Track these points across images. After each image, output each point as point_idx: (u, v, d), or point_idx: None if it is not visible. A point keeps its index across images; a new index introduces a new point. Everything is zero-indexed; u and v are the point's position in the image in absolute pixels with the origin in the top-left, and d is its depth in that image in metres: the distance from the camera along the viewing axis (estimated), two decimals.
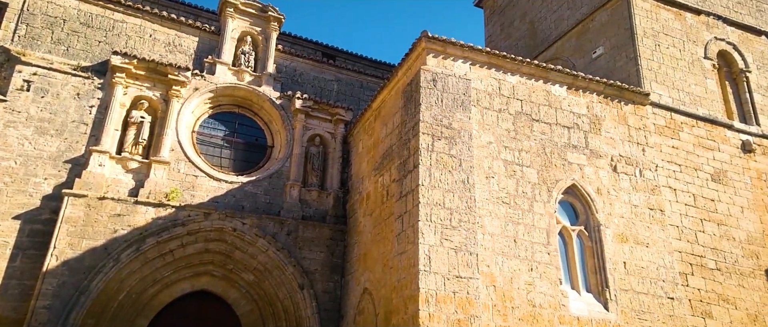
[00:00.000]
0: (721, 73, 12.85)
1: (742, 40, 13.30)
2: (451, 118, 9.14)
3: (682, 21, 12.69)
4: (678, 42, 12.38)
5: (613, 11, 12.48)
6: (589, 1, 13.27)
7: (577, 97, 10.57)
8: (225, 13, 12.97)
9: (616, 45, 12.19)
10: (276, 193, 11.86)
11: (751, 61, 13.14)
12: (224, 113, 12.74)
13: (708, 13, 13.05)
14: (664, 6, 12.55)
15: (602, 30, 12.69)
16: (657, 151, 10.92)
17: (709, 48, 12.74)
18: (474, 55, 9.81)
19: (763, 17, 13.93)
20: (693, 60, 12.39)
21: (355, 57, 16.17)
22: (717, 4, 13.41)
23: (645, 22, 12.11)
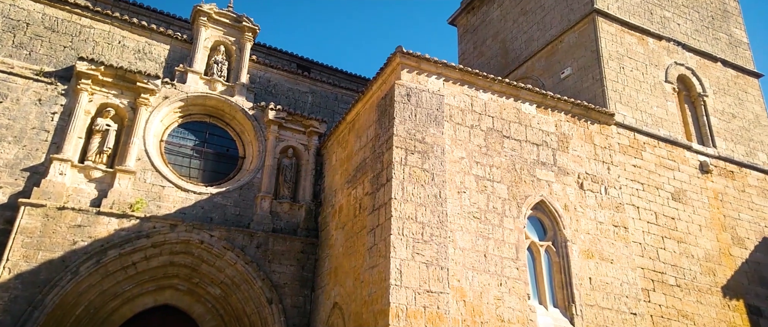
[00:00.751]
0: (681, 97, 13.42)
1: (700, 65, 13.95)
2: (425, 133, 9.23)
3: (645, 46, 13.24)
4: (641, 65, 12.90)
5: (581, 34, 12.93)
6: (558, 24, 13.72)
7: (546, 115, 10.85)
8: (198, 22, 12.83)
9: (583, 66, 12.61)
10: (246, 205, 11.68)
11: (708, 85, 13.78)
12: (195, 123, 12.53)
13: (668, 39, 13.67)
14: (628, 31, 13.08)
15: (570, 51, 13.12)
16: (621, 169, 11.27)
17: (670, 72, 13.32)
18: (447, 71, 9.99)
19: (719, 45, 14.67)
20: (655, 83, 12.92)
21: (330, 70, 16.21)
22: (677, 30, 14.06)
23: (610, 46, 12.59)
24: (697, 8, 14.77)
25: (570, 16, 13.37)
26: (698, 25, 14.53)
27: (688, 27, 14.33)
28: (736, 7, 15.66)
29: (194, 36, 12.85)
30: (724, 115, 13.66)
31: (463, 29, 18.01)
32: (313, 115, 13.25)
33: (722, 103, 13.80)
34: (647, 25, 13.47)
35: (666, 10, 14.14)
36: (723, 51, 14.57)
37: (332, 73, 16.08)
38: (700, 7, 14.87)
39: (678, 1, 14.50)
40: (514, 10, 15.59)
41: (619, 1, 13.34)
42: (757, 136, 13.90)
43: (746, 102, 14.29)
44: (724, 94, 13.97)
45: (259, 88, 13.36)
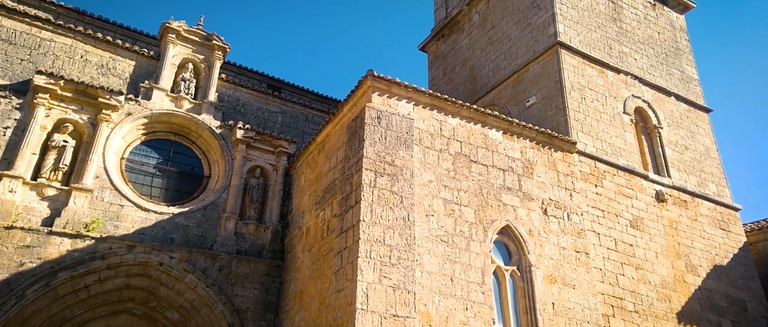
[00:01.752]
0: (638, 128, 14.03)
1: (655, 99, 14.67)
2: (394, 156, 9.30)
3: (605, 78, 13.85)
4: (601, 97, 13.45)
5: (545, 65, 13.43)
6: (524, 54, 14.22)
7: (512, 141, 11.13)
8: (166, 39, 12.66)
9: (547, 96, 13.06)
10: (210, 226, 11.39)
11: (663, 118, 14.48)
12: (159, 140, 12.24)
13: (626, 73, 14.35)
14: (589, 63, 13.67)
15: (535, 81, 13.58)
16: (583, 196, 11.61)
17: (628, 104, 13.94)
18: (417, 96, 10.15)
19: (673, 80, 15.49)
20: (614, 114, 13.48)
21: (301, 90, 16.21)
22: (634, 65, 14.78)
23: (572, 77, 13.10)
24: (652, 45, 15.60)
25: (535, 48, 13.89)
26: (653, 61, 15.33)
27: (644, 62, 15.10)
28: (688, 45, 16.63)
29: (162, 53, 12.65)
30: (678, 146, 14.33)
31: (434, 56, 18.43)
32: (282, 135, 13.15)
33: (676, 136, 14.48)
34: (606, 58, 14.12)
35: (624, 45, 14.88)
36: (676, 86, 15.38)
37: (303, 94, 16.08)
38: (655, 44, 15.72)
39: (635, 38, 15.29)
40: (483, 40, 16.08)
41: (581, 35, 13.96)
42: (708, 168, 14.61)
43: (697, 135, 15.05)
44: (678, 126, 14.69)
45: (228, 106, 13.20)
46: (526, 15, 14.60)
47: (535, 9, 14.33)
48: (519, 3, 15.02)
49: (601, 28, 14.59)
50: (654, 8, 16.38)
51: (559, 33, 13.45)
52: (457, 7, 17.69)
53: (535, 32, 14.06)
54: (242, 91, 13.67)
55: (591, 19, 14.47)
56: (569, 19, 13.93)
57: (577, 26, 14.03)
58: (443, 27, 17.95)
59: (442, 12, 18.67)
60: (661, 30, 16.14)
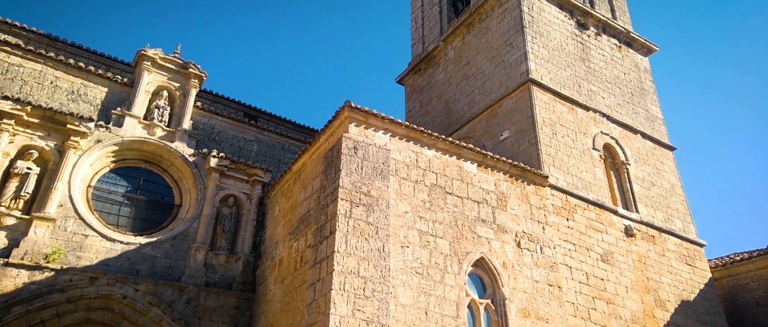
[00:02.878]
0: (607, 163, 14.42)
1: (622, 136, 15.16)
2: (370, 186, 9.28)
3: (575, 115, 14.28)
4: (571, 132, 13.84)
5: (518, 100, 13.79)
6: (498, 89, 14.59)
7: (486, 174, 11.27)
8: (141, 66, 12.55)
9: (520, 130, 13.36)
10: (178, 257, 11.05)
11: (630, 155, 14.94)
12: (129, 168, 11.96)
13: (595, 110, 14.84)
14: (560, 100, 14.11)
15: (508, 116, 13.90)
16: (555, 229, 11.76)
17: (597, 140, 14.36)
18: (394, 127, 10.24)
19: (638, 119, 16.07)
20: (584, 149, 13.85)
21: (278, 119, 16.19)
22: (602, 103, 15.32)
23: (544, 113, 13.47)
24: (618, 84, 16.24)
25: (508, 84, 14.29)
26: (620, 100, 15.92)
27: (612, 101, 15.67)
28: (652, 86, 17.36)
29: (136, 80, 12.51)
30: (645, 182, 14.75)
31: (410, 89, 18.76)
32: (257, 163, 13.02)
33: (643, 172, 14.92)
34: (576, 96, 14.60)
35: (592, 84, 15.45)
36: (642, 124, 15.95)
37: (280, 123, 16.06)
38: (622, 83, 16.37)
39: (602, 77, 15.91)
40: (458, 75, 16.48)
41: (551, 73, 14.45)
42: (674, 204, 15.03)
43: (663, 172, 15.54)
44: (644, 163, 15.16)
45: (203, 134, 13.05)
46: (499, 52, 15.08)
47: (508, 47, 14.82)
48: (493, 41, 15.52)
49: (570, 67, 15.14)
50: (620, 50, 17.14)
51: (531, 70, 13.89)
52: (434, 42, 18.16)
53: (508, 69, 14.49)
54: (218, 119, 13.56)
55: (561, 59, 15.02)
56: (540, 58, 14.43)
57: (548, 65, 14.53)
58: (420, 61, 18.37)
59: (419, 47, 19.14)
60: (626, 71, 16.85)
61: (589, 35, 16.44)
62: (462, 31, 16.88)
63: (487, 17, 16.07)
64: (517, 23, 14.77)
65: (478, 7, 16.25)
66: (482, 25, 16.19)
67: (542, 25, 15.16)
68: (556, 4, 15.98)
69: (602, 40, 16.75)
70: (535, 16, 15.12)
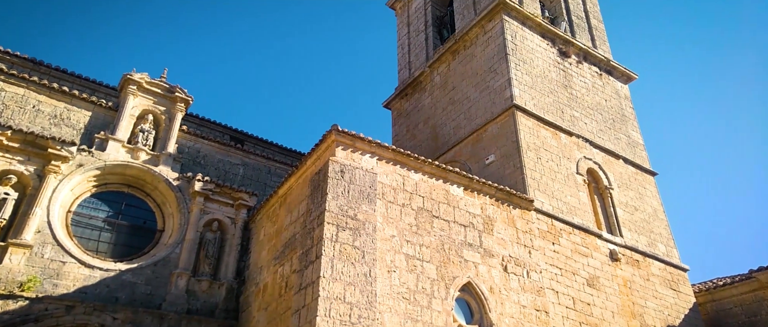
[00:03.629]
0: (591, 188, 14.58)
1: (605, 161, 15.38)
2: (357, 210, 9.24)
3: (558, 140, 14.49)
4: (555, 157, 14.01)
5: (503, 125, 13.98)
6: (483, 114, 14.79)
7: (473, 198, 11.31)
8: (126, 90, 12.48)
9: (505, 154, 13.50)
10: (160, 283, 10.79)
11: (613, 179, 15.13)
12: (111, 193, 11.76)
13: (578, 136, 15.08)
14: (543, 126, 14.32)
15: (493, 140, 14.06)
16: (541, 254, 11.77)
17: (580, 165, 14.55)
18: (381, 151, 10.27)
19: (620, 144, 16.36)
20: (568, 174, 14.01)
21: (265, 143, 16.14)
22: (584, 129, 15.59)
23: (528, 138, 13.65)
24: (600, 111, 16.57)
25: (493, 109, 14.49)
26: (602, 126, 16.22)
27: (594, 126, 15.95)
28: (632, 112, 17.75)
29: (121, 104, 12.43)
30: (628, 207, 14.91)
31: (397, 113, 18.94)
32: (243, 187, 12.89)
33: (626, 197, 15.10)
34: (559, 122, 14.84)
35: (575, 110, 15.74)
36: (623, 150, 16.22)
37: (266, 146, 16.00)
38: (603, 110, 16.70)
39: (584, 104, 16.23)
40: (444, 100, 16.69)
41: (535, 99, 14.71)
42: (656, 229, 15.19)
43: (645, 197, 15.75)
44: (627, 188, 15.36)
45: (188, 158, 12.94)
46: (484, 79, 15.34)
47: (493, 73, 15.09)
48: (477, 67, 15.80)
49: (553, 93, 15.44)
50: (601, 77, 17.55)
51: (515, 96, 14.13)
52: (420, 68, 18.44)
53: (493, 95, 14.72)
54: (203, 142, 13.48)
55: (544, 85, 15.32)
56: (524, 84, 14.70)
57: (532, 91, 14.80)
58: (406, 86, 18.61)
59: (406, 72, 19.41)
60: (607, 97, 17.22)
61: (570, 63, 16.83)
62: (447, 58, 17.19)
63: (472, 44, 16.40)
64: (501, 51, 15.09)
65: (463, 35, 16.59)
66: (467, 52, 16.51)
67: (525, 52, 15.50)
68: (538, 32, 16.40)
69: (583, 68, 17.15)
70: (518, 44, 15.47)
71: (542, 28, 16.45)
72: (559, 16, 18.49)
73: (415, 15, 20.27)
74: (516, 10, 15.92)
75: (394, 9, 22.00)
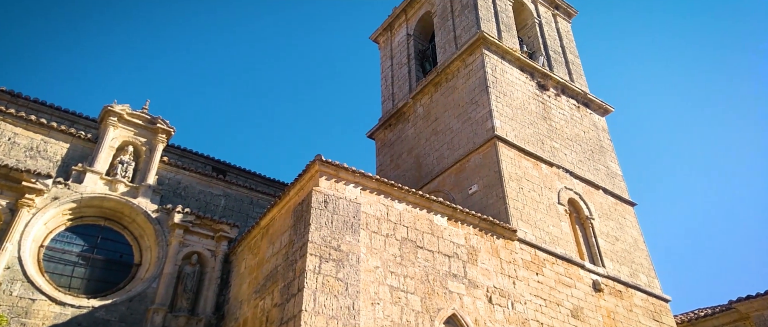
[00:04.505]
0: (573, 218, 14.69)
1: (585, 191, 15.57)
2: (340, 240, 9.13)
3: (539, 170, 14.67)
4: (537, 187, 14.14)
5: (485, 155, 14.12)
6: (465, 145, 14.94)
7: (457, 227, 11.28)
8: (107, 122, 12.33)
9: (488, 184, 13.58)
10: (135, 320, 10.41)
11: (594, 210, 15.29)
12: (87, 226, 11.46)
13: (558, 166, 15.29)
14: (525, 156, 14.51)
15: (476, 170, 14.16)
16: (525, 284, 11.72)
17: (561, 195, 14.70)
18: (365, 181, 10.25)
19: (599, 175, 16.62)
20: (550, 204, 14.12)
21: (247, 173, 16.00)
22: (564, 160, 15.83)
23: (510, 168, 13.79)
24: (579, 142, 16.89)
25: (475, 139, 14.67)
26: (581, 157, 16.50)
27: (574, 157, 16.21)
28: (610, 144, 18.12)
29: (100, 135, 12.26)
30: (609, 237, 15.03)
31: (381, 143, 19.04)
32: (224, 218, 12.67)
33: (607, 227, 15.24)
34: (540, 152, 15.06)
35: (554, 141, 16.01)
36: (603, 180, 16.47)
37: (249, 177, 15.86)
38: (582, 141, 17.03)
39: (564, 135, 16.53)
40: (427, 130, 16.86)
41: (516, 130, 14.95)
42: (638, 259, 15.29)
43: (626, 227, 15.91)
44: (608, 218, 15.51)
45: (168, 190, 12.72)
46: (466, 110, 15.58)
47: (474, 105, 15.35)
48: (459, 99, 16.07)
49: (533, 124, 15.72)
50: (579, 110, 17.97)
51: (496, 127, 14.34)
52: (403, 99, 18.67)
53: (475, 126, 14.93)
54: (184, 173, 13.29)
55: (524, 117, 15.60)
56: (505, 116, 14.96)
57: (512, 122, 15.05)
58: (390, 117, 18.80)
59: (389, 103, 19.64)
60: (586, 129, 17.59)
61: (549, 96, 17.22)
62: (430, 90, 17.47)
63: (454, 77, 16.72)
64: (482, 83, 15.40)
65: (445, 68, 16.92)
66: (449, 85, 16.80)
67: (505, 85, 15.84)
68: (518, 66, 16.81)
69: (562, 101, 17.56)
70: (498, 77, 15.82)
71: (521, 62, 16.88)
72: (536, 50, 19.03)
73: (398, 48, 20.69)
74: (495, 45, 16.35)
75: (377, 42, 22.44)
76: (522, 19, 20.01)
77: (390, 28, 21.66)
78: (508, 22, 18.25)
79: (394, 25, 21.51)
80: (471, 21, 17.30)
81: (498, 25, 17.64)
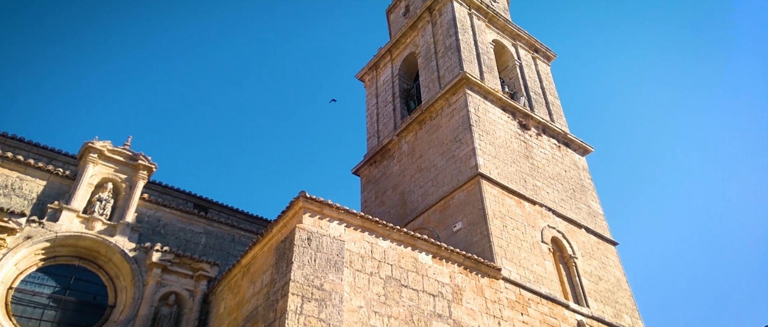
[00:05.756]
0: (556, 257, 14.66)
1: (568, 230, 15.62)
2: (323, 279, 8.94)
3: (523, 208, 14.72)
4: (521, 225, 14.16)
5: (469, 193, 14.16)
6: (449, 182, 14.99)
7: (441, 266, 11.16)
8: (86, 159, 12.12)
9: (472, 222, 13.56)
10: None
11: (577, 249, 15.30)
12: (60, 266, 11.06)
13: (541, 205, 15.38)
14: (508, 194, 14.58)
15: (460, 208, 14.16)
16: (510, 325, 11.54)
17: (545, 234, 14.72)
18: (349, 218, 10.15)
19: (581, 214, 16.73)
20: (533, 242, 14.11)
21: (229, 210, 15.75)
22: (547, 198, 15.94)
23: (494, 206, 13.82)
24: (560, 181, 17.08)
25: (459, 177, 14.75)
26: (563, 195, 16.64)
27: (556, 196, 16.34)
28: (591, 183, 18.36)
29: (79, 172, 12.02)
30: (593, 276, 14.98)
31: (366, 179, 19.03)
32: (204, 257, 12.34)
33: (590, 266, 15.22)
34: (522, 190, 15.17)
35: (537, 180, 16.17)
36: (585, 219, 16.56)
37: (231, 214, 15.60)
38: (563, 180, 17.23)
39: (546, 174, 16.73)
40: (412, 167, 16.93)
41: (499, 168, 15.08)
42: (621, 299, 15.22)
43: (608, 266, 15.91)
44: (591, 257, 15.52)
45: (147, 227, 12.42)
46: (450, 147, 15.73)
47: (458, 143, 15.52)
48: (443, 137, 16.24)
49: (516, 163, 15.90)
50: (559, 149, 18.27)
51: (480, 165, 14.46)
52: (388, 137, 18.81)
53: (459, 163, 15.04)
54: (164, 210, 13.02)
55: (506, 155, 15.79)
56: (488, 154, 15.12)
57: (495, 160, 15.21)
58: (375, 153, 18.88)
59: (375, 140, 19.77)
60: (567, 168, 17.84)
61: (530, 135, 17.52)
62: (415, 127, 17.65)
63: (438, 115, 16.95)
64: (465, 122, 15.62)
65: (429, 107, 17.18)
66: (433, 123, 17.02)
67: (488, 124, 16.09)
68: (500, 106, 17.15)
69: (543, 140, 17.86)
70: (481, 116, 16.08)
71: (503, 102, 17.23)
72: (517, 91, 19.48)
73: (384, 87, 21.02)
74: (478, 85, 16.71)
75: (363, 81, 22.79)
76: (503, 61, 20.58)
77: (376, 67, 22.07)
78: (490, 63, 18.74)
79: (379, 65, 21.93)
80: (454, 62, 17.72)
81: (480, 67, 18.09)
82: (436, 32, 19.60)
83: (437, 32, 19.54)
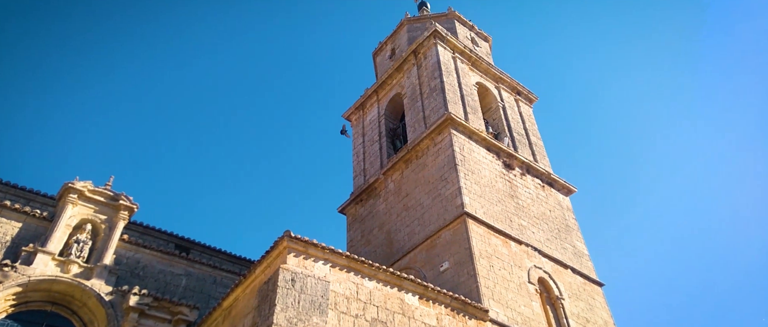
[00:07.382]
0: (543, 298, 14.48)
1: (554, 270, 15.51)
2: (307, 322, 8.68)
3: (509, 248, 14.64)
4: (507, 265, 14.04)
5: (455, 232, 14.07)
6: (436, 221, 14.90)
7: (428, 307, 10.94)
8: (65, 199, 11.85)
9: (458, 261, 13.41)
10: None
11: (564, 289, 15.15)
12: (31, 312, 10.62)
13: (527, 244, 15.31)
14: (494, 233, 14.52)
15: (447, 247, 14.03)
16: None
17: (531, 274, 14.60)
18: (334, 257, 9.97)
19: (567, 254, 16.67)
20: (520, 283, 13.95)
21: (211, 250, 15.37)
22: (533, 238, 15.90)
23: (480, 245, 13.72)
24: (545, 220, 17.10)
25: (445, 216, 14.68)
26: (549, 235, 16.62)
27: (542, 236, 16.32)
28: (575, 223, 18.40)
29: (57, 213, 11.71)
30: (580, 319, 14.77)
31: (352, 218, 18.84)
32: (184, 300, 11.93)
33: (577, 308, 15.03)
34: (508, 230, 15.12)
35: (522, 219, 16.17)
36: (571, 260, 16.48)
37: (213, 254, 15.23)
38: (548, 220, 17.25)
39: (531, 213, 16.75)
40: (398, 206, 16.84)
41: (484, 208, 15.08)
42: None
43: (595, 308, 15.74)
44: (577, 298, 15.36)
45: (125, 270, 12.03)
46: (436, 186, 15.74)
47: (444, 182, 15.55)
48: (429, 176, 16.28)
49: (501, 202, 15.93)
50: (544, 189, 18.39)
51: (466, 204, 14.45)
52: (375, 175, 18.79)
53: (445, 202, 15.02)
54: (144, 252, 12.67)
55: (492, 195, 15.83)
56: (473, 193, 15.15)
57: (481, 199, 15.22)
58: (362, 192, 18.80)
59: (361, 179, 19.72)
60: (551, 208, 17.91)
61: (515, 175, 17.66)
62: (401, 166, 17.70)
63: (424, 155, 17.05)
64: (451, 161, 15.72)
65: (415, 146, 17.31)
66: (419, 162, 17.09)
67: (473, 163, 16.20)
68: (484, 146, 17.33)
69: (527, 180, 18.00)
70: (466, 155, 16.21)
71: (487, 142, 17.43)
72: (501, 132, 19.77)
73: (370, 126, 21.19)
74: (462, 126, 16.92)
75: (349, 120, 22.98)
76: (487, 102, 20.97)
77: (362, 107, 22.32)
78: (474, 104, 19.07)
79: (366, 105, 22.18)
80: (439, 103, 18.00)
81: (464, 107, 18.39)
82: (422, 74, 19.99)
83: (422, 74, 19.93)
